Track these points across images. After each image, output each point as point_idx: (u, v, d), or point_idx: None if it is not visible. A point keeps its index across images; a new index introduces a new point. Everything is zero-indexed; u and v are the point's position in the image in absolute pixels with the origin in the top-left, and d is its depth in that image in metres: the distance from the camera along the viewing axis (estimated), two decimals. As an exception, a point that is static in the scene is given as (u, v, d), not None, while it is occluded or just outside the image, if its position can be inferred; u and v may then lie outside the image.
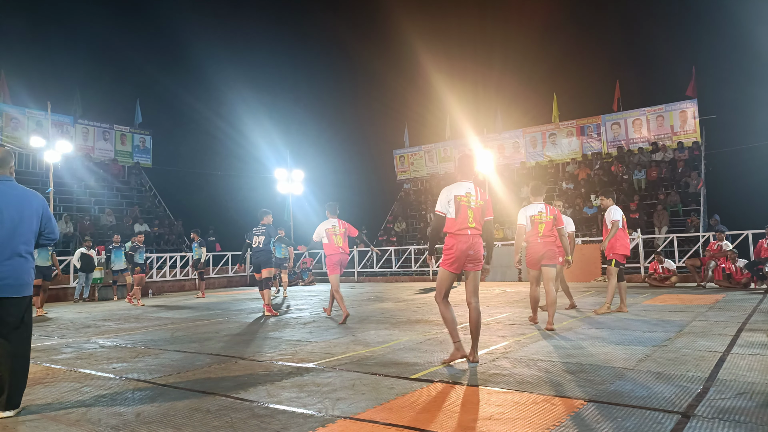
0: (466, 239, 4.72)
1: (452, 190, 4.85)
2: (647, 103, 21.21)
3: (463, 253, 4.73)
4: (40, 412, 3.73)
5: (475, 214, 4.79)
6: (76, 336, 7.66)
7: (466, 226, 4.74)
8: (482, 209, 4.87)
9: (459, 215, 4.74)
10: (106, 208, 20.66)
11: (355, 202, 30.12)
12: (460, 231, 4.72)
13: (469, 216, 4.76)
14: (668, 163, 19.64)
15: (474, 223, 4.77)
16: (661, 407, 3.32)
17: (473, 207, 4.79)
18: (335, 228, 8.65)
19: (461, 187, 4.86)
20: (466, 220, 4.75)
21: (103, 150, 23.58)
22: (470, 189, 4.86)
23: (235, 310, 10.73)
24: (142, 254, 12.84)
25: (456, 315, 4.97)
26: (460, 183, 4.91)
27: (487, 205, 4.95)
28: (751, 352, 4.88)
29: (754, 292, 10.60)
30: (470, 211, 4.77)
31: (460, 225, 4.73)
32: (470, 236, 4.74)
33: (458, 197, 4.79)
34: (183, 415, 3.52)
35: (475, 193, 4.87)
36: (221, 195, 29.05)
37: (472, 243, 4.73)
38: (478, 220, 4.82)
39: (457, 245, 4.71)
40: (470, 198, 4.81)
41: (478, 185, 4.95)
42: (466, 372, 4.45)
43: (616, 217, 7.77)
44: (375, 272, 20.17)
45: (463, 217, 4.75)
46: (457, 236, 4.73)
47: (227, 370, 4.90)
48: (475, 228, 4.78)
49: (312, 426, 3.21)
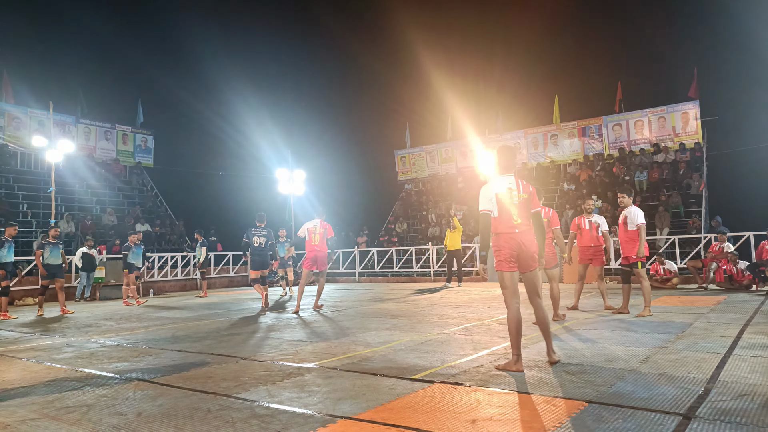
0: (514, 238, 4.52)
1: (492, 186, 4.62)
2: (649, 104, 21.22)
3: (513, 251, 4.52)
4: (42, 412, 3.73)
5: (519, 209, 4.55)
6: (77, 335, 7.66)
7: (512, 224, 4.53)
8: (527, 202, 4.60)
9: (502, 214, 4.54)
10: (107, 208, 20.67)
11: (357, 203, 30.15)
12: (507, 230, 4.54)
13: (513, 213, 4.54)
14: (670, 165, 19.62)
15: (520, 219, 4.54)
16: (663, 409, 3.32)
17: (516, 203, 4.56)
18: (316, 227, 9.74)
19: (502, 182, 4.62)
20: (511, 218, 4.53)
21: (104, 150, 23.61)
22: (512, 183, 4.62)
23: (237, 309, 10.73)
24: (135, 254, 12.86)
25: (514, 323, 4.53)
26: (501, 177, 4.67)
27: (532, 197, 4.66)
28: (752, 353, 4.87)
29: (756, 294, 10.58)
30: (514, 207, 4.54)
31: (505, 224, 4.54)
32: (518, 234, 4.52)
33: (499, 194, 4.57)
34: (184, 415, 3.52)
35: (518, 187, 4.62)
36: (222, 195, 29.08)
37: (521, 242, 4.51)
38: (525, 215, 4.57)
39: (506, 246, 4.53)
40: (512, 193, 4.58)
41: (520, 178, 4.74)
42: (466, 373, 4.44)
43: (642, 220, 7.49)
44: (376, 272, 20.17)
45: (507, 216, 4.53)
46: (505, 236, 4.54)
47: (228, 369, 4.90)
48: (521, 224, 4.54)
49: (313, 426, 3.21)
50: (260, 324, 8.23)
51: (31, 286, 14.54)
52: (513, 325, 4.49)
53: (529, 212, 4.64)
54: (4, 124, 20.58)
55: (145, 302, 13.06)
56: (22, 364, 5.59)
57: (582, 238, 8.62)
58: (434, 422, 3.21)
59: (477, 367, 4.62)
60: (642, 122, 21.10)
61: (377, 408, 3.53)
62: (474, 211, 21.66)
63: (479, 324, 7.31)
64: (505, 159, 4.79)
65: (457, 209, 22.37)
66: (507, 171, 4.74)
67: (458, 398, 3.72)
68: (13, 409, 3.82)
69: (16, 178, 20.19)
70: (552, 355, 4.67)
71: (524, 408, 3.44)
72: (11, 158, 20.80)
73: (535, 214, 4.68)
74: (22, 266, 14.74)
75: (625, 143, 21.32)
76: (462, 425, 3.15)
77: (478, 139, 22.82)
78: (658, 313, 7.84)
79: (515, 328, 4.48)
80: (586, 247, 8.57)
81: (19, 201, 19.13)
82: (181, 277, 18.20)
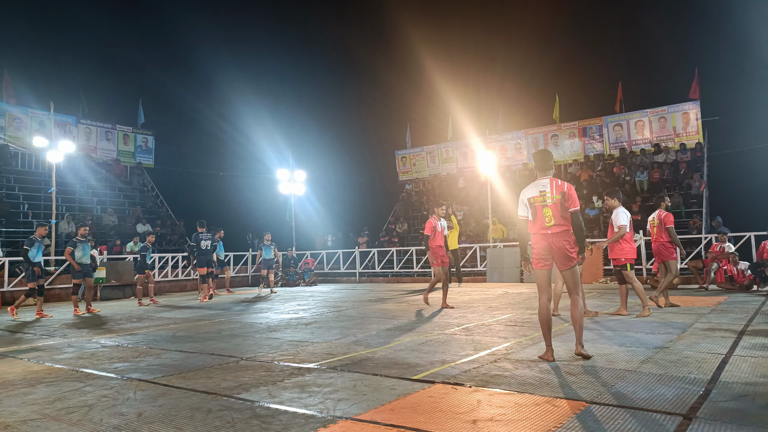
0: (545, 239, 4.76)
1: (526, 192, 4.92)
2: (649, 104, 21.20)
3: (544, 250, 4.78)
4: (42, 412, 3.73)
5: (554, 210, 4.74)
6: (78, 335, 7.67)
7: (544, 226, 4.77)
8: (561, 203, 4.74)
9: (535, 217, 4.82)
10: (108, 208, 20.69)
11: (357, 203, 30.13)
12: (539, 231, 4.81)
13: (546, 215, 4.76)
14: (670, 165, 19.61)
15: (553, 220, 4.73)
16: (663, 409, 3.31)
17: (550, 204, 4.75)
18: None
19: (535, 187, 4.87)
20: (543, 220, 4.78)
21: (105, 150, 23.63)
22: (545, 186, 4.82)
23: (237, 310, 10.74)
24: (149, 255, 13.05)
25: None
26: (536, 182, 4.91)
27: (568, 197, 4.76)
28: (753, 354, 4.87)
29: (757, 294, 10.57)
30: (547, 209, 4.76)
31: (538, 226, 4.81)
32: (551, 235, 4.75)
33: (531, 199, 4.84)
34: (184, 415, 3.52)
35: (551, 189, 4.79)
36: (223, 195, 29.09)
37: (551, 242, 4.74)
38: (559, 215, 4.73)
39: (538, 245, 4.81)
40: (545, 196, 4.78)
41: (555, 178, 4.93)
42: (467, 373, 4.44)
43: (623, 222, 7.59)
44: (376, 273, 20.17)
45: (540, 218, 4.79)
46: (537, 236, 4.83)
47: (228, 370, 4.90)
48: (555, 225, 4.74)
49: (313, 426, 3.21)
50: (261, 324, 8.24)
51: (32, 287, 14.53)
52: (541, 319, 4.85)
53: (566, 212, 4.77)
54: (5, 124, 20.61)
55: (149, 305, 13.10)
56: (23, 364, 5.60)
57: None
58: (435, 423, 3.21)
59: (477, 368, 4.62)
60: (643, 122, 21.09)
61: (378, 408, 3.53)
62: (474, 211, 21.68)
63: (480, 324, 7.31)
64: (540, 162, 4.99)
65: (457, 209, 22.38)
66: (543, 174, 4.94)
67: (459, 399, 3.71)
68: (14, 410, 3.82)
69: (17, 178, 20.21)
70: (579, 348, 4.82)
71: (525, 408, 3.44)
72: (12, 159, 20.82)
73: (573, 213, 4.78)
74: (23, 266, 14.73)
75: (626, 143, 21.32)
76: (463, 426, 3.15)
77: (479, 139, 22.80)
78: (658, 314, 7.83)
79: (543, 322, 4.83)
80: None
81: (20, 201, 19.15)
82: (182, 277, 18.20)
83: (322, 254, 21.83)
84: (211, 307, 11.63)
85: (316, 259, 21.31)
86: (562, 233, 4.75)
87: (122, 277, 15.65)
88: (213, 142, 31.40)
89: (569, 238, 4.76)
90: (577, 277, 4.85)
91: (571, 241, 4.77)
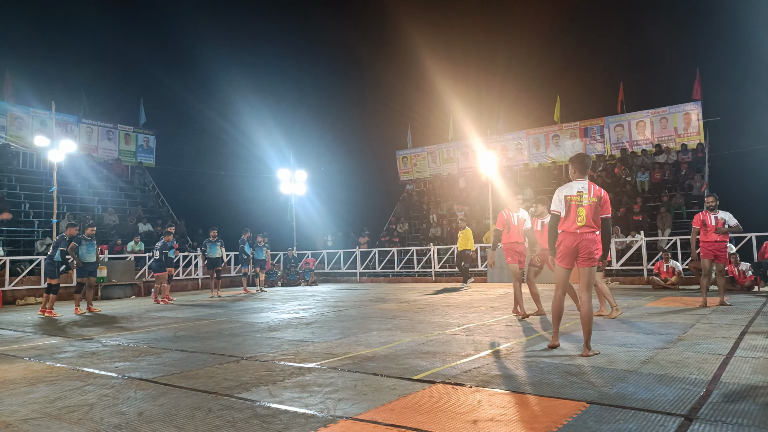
0: (573, 237, 4.97)
1: (564, 190, 5.11)
2: (651, 105, 21.18)
3: (569, 249, 4.99)
4: (43, 411, 3.74)
5: (588, 211, 4.95)
6: (78, 335, 7.68)
7: (575, 225, 4.97)
8: (596, 206, 4.96)
9: (568, 214, 5.01)
10: (109, 208, 20.69)
11: (358, 203, 30.15)
12: (568, 229, 5.00)
13: (580, 215, 4.96)
14: (672, 166, 19.59)
15: (585, 221, 4.94)
16: (664, 410, 3.31)
17: (585, 205, 4.96)
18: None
19: (573, 186, 5.07)
20: (575, 219, 4.98)
21: (106, 150, 23.64)
22: (583, 188, 5.03)
23: (238, 310, 10.74)
24: (171, 251, 13.44)
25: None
26: (574, 182, 5.11)
27: (603, 202, 5.01)
28: (754, 354, 4.87)
29: (758, 295, 10.56)
30: (581, 209, 4.95)
31: (569, 224, 5.01)
32: (579, 234, 4.95)
33: (568, 197, 5.04)
34: (185, 415, 3.53)
35: (588, 191, 5.00)
36: (224, 195, 29.10)
37: (580, 240, 4.94)
38: (591, 218, 4.95)
39: (564, 242, 5.03)
40: (582, 196, 4.98)
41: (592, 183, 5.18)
42: (467, 373, 4.44)
43: (528, 226, 8.02)
44: (377, 273, 20.17)
45: (572, 216, 4.99)
46: (565, 234, 5.03)
47: (229, 369, 4.90)
48: (585, 226, 4.94)
49: (314, 426, 3.21)
50: (261, 324, 8.24)
51: (33, 286, 14.58)
52: (553, 309, 5.28)
53: (597, 216, 4.99)
54: (7, 123, 20.62)
55: (170, 301, 13.21)
56: (23, 363, 5.60)
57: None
58: (435, 423, 3.21)
59: (478, 368, 4.62)
60: (644, 123, 21.07)
61: (378, 408, 3.53)
62: (475, 211, 21.66)
63: (480, 325, 7.30)
64: (579, 165, 5.22)
65: (458, 209, 22.38)
66: (581, 176, 5.16)
67: (459, 399, 3.71)
68: (15, 408, 3.82)
69: (19, 177, 20.23)
70: (586, 351, 4.95)
71: (525, 408, 3.44)
72: (13, 158, 20.83)
73: (604, 219, 5.03)
74: (24, 266, 14.77)
75: (627, 144, 21.31)
76: (463, 426, 3.15)
77: (480, 139, 22.79)
78: (659, 314, 7.83)
79: (555, 312, 5.26)
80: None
81: (22, 201, 19.16)
82: (183, 277, 18.21)
83: (323, 254, 21.83)
84: (212, 306, 11.64)
85: (317, 259, 21.32)
86: (590, 234, 4.97)
87: (123, 276, 15.66)
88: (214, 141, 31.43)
89: (596, 239, 4.99)
90: (593, 277, 5.04)
91: (597, 242, 4.99)
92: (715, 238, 8.63)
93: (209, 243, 14.94)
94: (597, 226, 4.98)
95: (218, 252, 14.93)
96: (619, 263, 15.01)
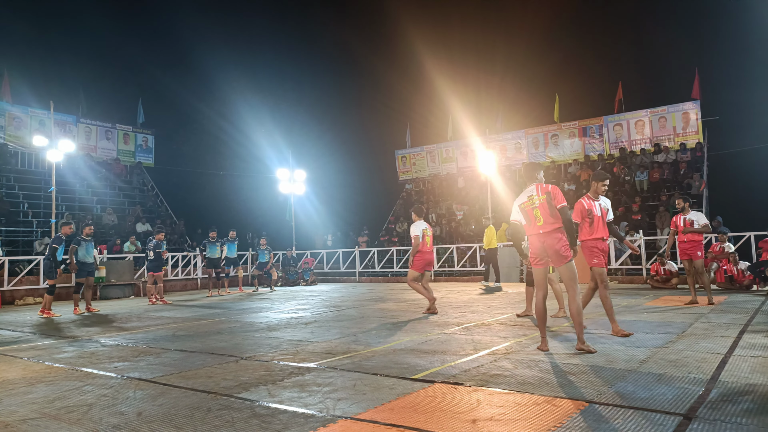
0: (538, 238, 5.15)
1: (518, 200, 5.37)
2: (649, 104, 21.20)
3: (538, 250, 5.17)
4: (42, 411, 3.73)
5: (542, 210, 5.12)
6: (77, 335, 7.67)
7: (537, 226, 5.15)
8: (547, 202, 5.10)
9: (529, 220, 5.24)
10: (108, 208, 20.68)
11: (357, 203, 30.13)
12: (533, 232, 5.21)
13: (537, 216, 5.15)
14: (670, 165, 19.60)
15: (543, 219, 5.10)
16: (663, 409, 3.31)
17: (538, 205, 5.14)
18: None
19: (524, 194, 5.31)
20: (536, 222, 5.17)
21: (105, 149, 23.63)
22: (531, 191, 5.24)
23: (237, 309, 10.74)
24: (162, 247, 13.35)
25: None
26: (525, 190, 5.34)
27: (552, 195, 5.12)
28: (753, 354, 4.87)
29: (756, 294, 10.57)
30: (536, 210, 5.15)
31: (532, 227, 5.22)
32: (542, 235, 5.10)
33: (521, 205, 5.31)
34: (184, 415, 3.52)
35: (537, 192, 5.20)
36: (223, 195, 29.07)
37: (544, 240, 5.09)
38: (548, 215, 5.09)
39: (533, 245, 5.22)
40: (533, 199, 5.19)
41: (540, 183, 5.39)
42: (467, 373, 4.44)
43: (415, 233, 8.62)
44: (376, 272, 20.17)
45: (532, 220, 5.20)
46: (531, 237, 5.25)
47: (228, 369, 4.90)
48: (545, 224, 5.09)
49: (313, 426, 3.21)
50: (261, 324, 8.24)
51: (32, 286, 14.56)
52: (537, 313, 5.26)
53: (554, 210, 5.09)
54: (5, 123, 20.60)
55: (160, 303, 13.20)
56: (22, 363, 5.60)
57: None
58: (435, 422, 3.21)
59: (477, 367, 4.62)
60: (643, 122, 21.09)
61: (378, 408, 3.53)
62: (475, 211, 21.67)
63: (479, 324, 7.31)
64: (526, 172, 5.50)
65: (457, 209, 22.38)
66: (529, 182, 5.40)
67: (459, 398, 3.71)
68: (14, 409, 3.82)
69: (17, 177, 20.21)
70: (580, 344, 5.08)
71: (524, 408, 3.44)
72: (12, 158, 20.82)
73: (560, 209, 5.09)
74: (23, 266, 14.76)
75: (626, 143, 21.32)
76: (462, 425, 3.15)
77: (479, 139, 22.80)
78: (658, 313, 7.84)
79: (539, 316, 5.24)
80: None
81: (20, 200, 19.15)
82: (182, 276, 18.20)
83: (322, 254, 21.82)
84: (211, 306, 11.63)
85: (316, 259, 21.31)
86: (554, 231, 5.07)
87: (122, 276, 15.65)
88: (213, 141, 31.40)
89: (561, 236, 5.07)
90: (573, 272, 5.09)
91: (563, 238, 5.07)
92: (684, 238, 8.95)
93: (209, 243, 15.03)
94: (558, 220, 5.07)
95: (218, 252, 15.11)
96: (618, 262, 15.01)
